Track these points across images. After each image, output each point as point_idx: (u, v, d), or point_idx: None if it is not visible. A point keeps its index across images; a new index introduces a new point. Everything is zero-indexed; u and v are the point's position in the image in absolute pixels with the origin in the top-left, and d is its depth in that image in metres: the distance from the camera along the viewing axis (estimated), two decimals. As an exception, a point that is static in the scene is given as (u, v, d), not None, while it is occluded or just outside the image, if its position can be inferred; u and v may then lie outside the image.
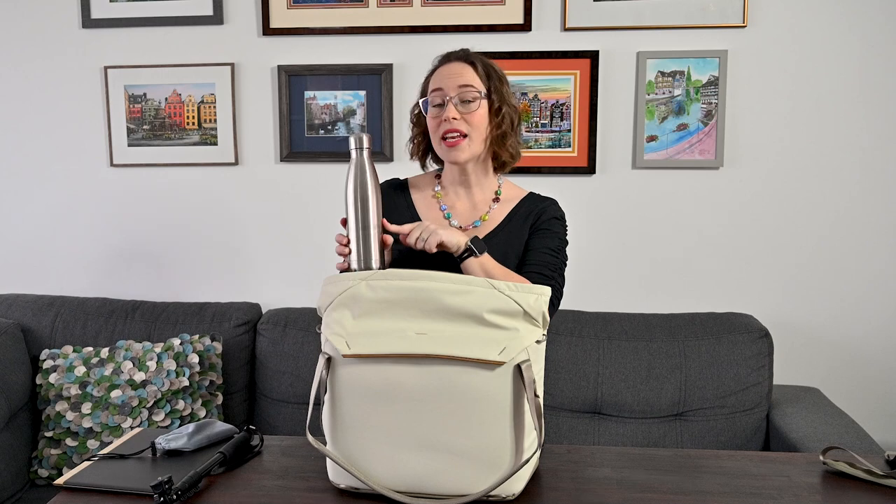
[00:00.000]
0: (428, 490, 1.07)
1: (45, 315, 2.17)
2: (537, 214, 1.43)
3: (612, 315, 2.11)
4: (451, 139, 1.36)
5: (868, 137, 2.14)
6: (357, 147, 1.19)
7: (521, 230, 1.42)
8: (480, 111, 1.37)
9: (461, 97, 1.36)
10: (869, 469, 1.15)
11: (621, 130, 2.20)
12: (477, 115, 1.36)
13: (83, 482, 1.15)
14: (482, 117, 1.37)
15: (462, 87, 1.36)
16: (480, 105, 1.37)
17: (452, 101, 1.36)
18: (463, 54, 1.42)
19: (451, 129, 1.36)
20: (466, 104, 1.36)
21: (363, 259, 1.19)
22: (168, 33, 2.28)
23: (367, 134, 1.19)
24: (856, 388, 2.21)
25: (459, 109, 1.36)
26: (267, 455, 1.26)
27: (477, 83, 1.37)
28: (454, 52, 1.43)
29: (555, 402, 2.02)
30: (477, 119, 1.37)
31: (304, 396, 2.09)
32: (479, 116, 1.37)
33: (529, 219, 1.43)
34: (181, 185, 2.33)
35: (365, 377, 1.07)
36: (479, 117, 1.37)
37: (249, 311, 2.21)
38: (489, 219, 1.43)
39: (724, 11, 2.12)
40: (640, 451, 1.28)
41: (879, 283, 2.18)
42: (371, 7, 2.20)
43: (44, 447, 1.98)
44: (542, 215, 1.42)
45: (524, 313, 1.08)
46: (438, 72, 1.41)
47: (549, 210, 1.44)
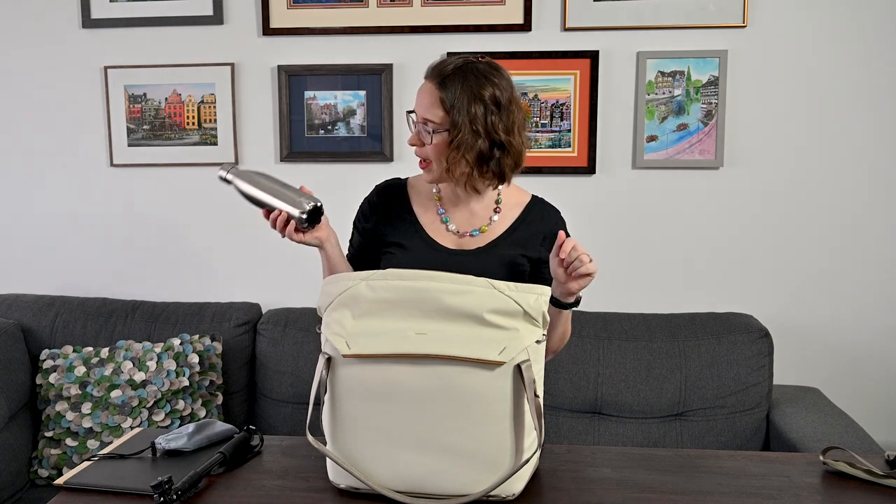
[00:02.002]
0: (428, 490, 1.07)
1: (45, 315, 2.17)
2: (550, 229, 1.41)
3: (612, 315, 2.11)
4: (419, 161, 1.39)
5: (868, 137, 2.14)
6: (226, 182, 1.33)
7: (532, 241, 1.41)
8: (436, 142, 1.33)
9: (422, 126, 1.35)
10: (869, 469, 1.15)
11: (621, 130, 2.20)
12: (433, 147, 1.34)
13: (83, 482, 1.15)
14: (438, 148, 1.33)
15: (423, 119, 1.34)
16: (433, 137, 1.33)
17: (419, 127, 1.36)
18: (442, 71, 1.34)
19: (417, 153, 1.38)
20: (426, 134, 1.34)
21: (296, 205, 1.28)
22: (168, 33, 2.28)
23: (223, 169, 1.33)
24: (856, 389, 2.21)
25: (421, 137, 1.35)
26: (267, 455, 1.26)
27: (436, 115, 1.32)
28: (437, 68, 1.36)
29: (555, 402, 2.02)
30: (433, 150, 1.34)
31: (304, 396, 2.09)
32: (435, 148, 1.34)
33: (541, 231, 1.42)
34: (181, 185, 2.33)
35: (365, 377, 1.07)
36: (435, 148, 1.34)
37: (249, 311, 2.21)
38: (489, 230, 1.42)
39: (724, 11, 2.12)
40: (640, 451, 1.28)
41: (879, 283, 2.18)
42: (371, 7, 2.20)
43: (44, 447, 1.98)
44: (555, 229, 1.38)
45: (524, 313, 1.08)
46: (419, 90, 1.37)
47: (560, 224, 1.45)
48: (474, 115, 1.30)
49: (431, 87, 1.34)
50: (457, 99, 1.31)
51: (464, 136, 1.30)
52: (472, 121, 1.30)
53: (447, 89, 1.31)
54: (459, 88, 1.31)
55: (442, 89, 1.32)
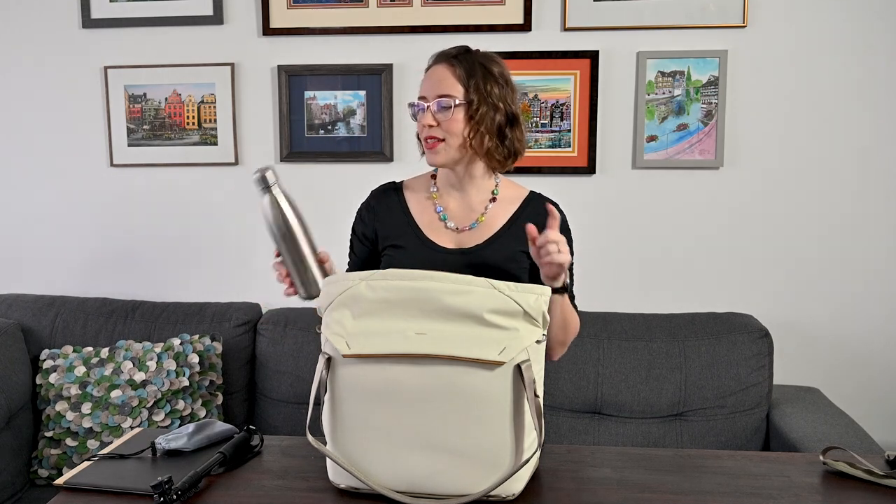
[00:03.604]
0: (428, 490, 1.07)
1: (45, 315, 2.17)
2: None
3: (612, 315, 2.11)
4: (430, 143, 1.38)
5: (868, 137, 2.14)
6: (264, 188, 1.17)
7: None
8: (455, 117, 1.35)
9: (438, 104, 1.36)
10: (869, 469, 1.15)
11: (621, 130, 2.20)
12: (452, 122, 1.36)
13: (83, 482, 1.15)
14: (457, 123, 1.36)
15: (440, 96, 1.36)
16: (454, 112, 1.35)
17: (431, 108, 1.36)
18: (453, 54, 1.40)
19: (428, 136, 1.37)
20: (443, 111, 1.36)
21: (305, 289, 1.21)
22: (168, 33, 2.28)
23: (269, 170, 1.17)
24: (856, 388, 2.21)
25: (437, 116, 1.36)
26: (267, 455, 1.26)
27: (454, 90, 1.36)
28: (443, 53, 1.41)
29: (555, 402, 2.02)
30: (452, 125, 1.36)
31: (304, 396, 2.09)
32: (455, 122, 1.36)
33: (539, 225, 1.42)
34: (181, 185, 2.33)
35: (365, 377, 1.07)
36: (455, 123, 1.36)
37: (249, 311, 2.21)
38: (486, 220, 1.42)
39: (724, 11, 2.12)
40: (640, 451, 1.28)
41: (879, 282, 2.18)
42: (371, 7, 2.20)
43: (44, 447, 1.98)
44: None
45: (524, 313, 1.08)
46: (426, 75, 1.41)
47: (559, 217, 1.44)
48: (490, 90, 1.36)
49: (444, 66, 1.38)
50: (473, 74, 1.36)
51: (485, 110, 1.36)
52: (489, 94, 1.36)
53: (461, 66, 1.37)
54: (472, 66, 1.37)
55: (456, 66, 1.37)
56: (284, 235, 1.18)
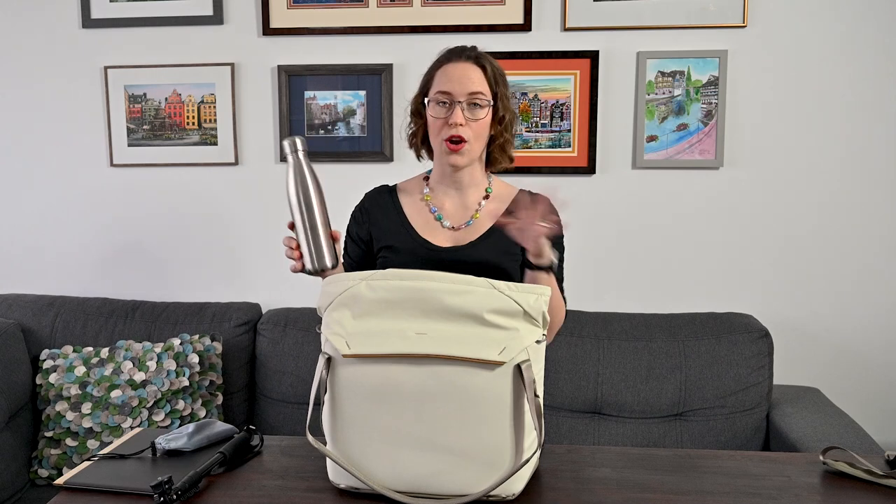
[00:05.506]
0: (428, 490, 1.07)
1: (45, 315, 2.17)
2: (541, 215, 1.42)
3: (612, 315, 2.11)
4: (455, 143, 1.35)
5: (868, 137, 2.14)
6: (292, 151, 1.19)
7: None
8: (486, 119, 1.37)
9: (469, 102, 1.34)
10: (869, 469, 1.15)
11: (621, 130, 2.20)
12: (483, 123, 1.36)
13: (83, 482, 1.15)
14: (486, 124, 1.37)
15: (472, 93, 1.34)
16: (487, 113, 1.36)
17: (461, 106, 1.34)
18: (473, 55, 1.38)
19: (456, 135, 1.34)
20: (474, 110, 1.35)
21: (316, 260, 1.20)
22: (168, 33, 2.28)
23: (300, 137, 1.19)
24: (856, 388, 2.21)
25: (466, 115, 1.34)
26: (267, 455, 1.26)
27: (486, 90, 1.36)
28: (464, 50, 1.39)
29: (555, 402, 2.02)
30: (482, 127, 1.36)
31: (304, 396, 2.09)
32: (485, 124, 1.37)
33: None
34: (181, 185, 2.33)
35: (365, 377, 1.07)
36: (484, 125, 1.37)
37: (249, 311, 2.21)
38: (481, 217, 1.43)
39: (724, 11, 2.12)
40: (640, 451, 1.28)
41: (879, 282, 2.18)
42: (371, 7, 2.20)
43: (44, 447, 1.98)
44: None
45: (524, 313, 1.08)
46: (446, 70, 1.37)
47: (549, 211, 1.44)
48: (506, 93, 1.40)
49: (470, 65, 1.37)
50: (498, 78, 1.39)
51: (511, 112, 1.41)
52: (509, 96, 1.41)
53: (486, 67, 1.37)
54: (493, 67, 1.39)
55: (486, 66, 1.38)
56: (302, 201, 1.19)
